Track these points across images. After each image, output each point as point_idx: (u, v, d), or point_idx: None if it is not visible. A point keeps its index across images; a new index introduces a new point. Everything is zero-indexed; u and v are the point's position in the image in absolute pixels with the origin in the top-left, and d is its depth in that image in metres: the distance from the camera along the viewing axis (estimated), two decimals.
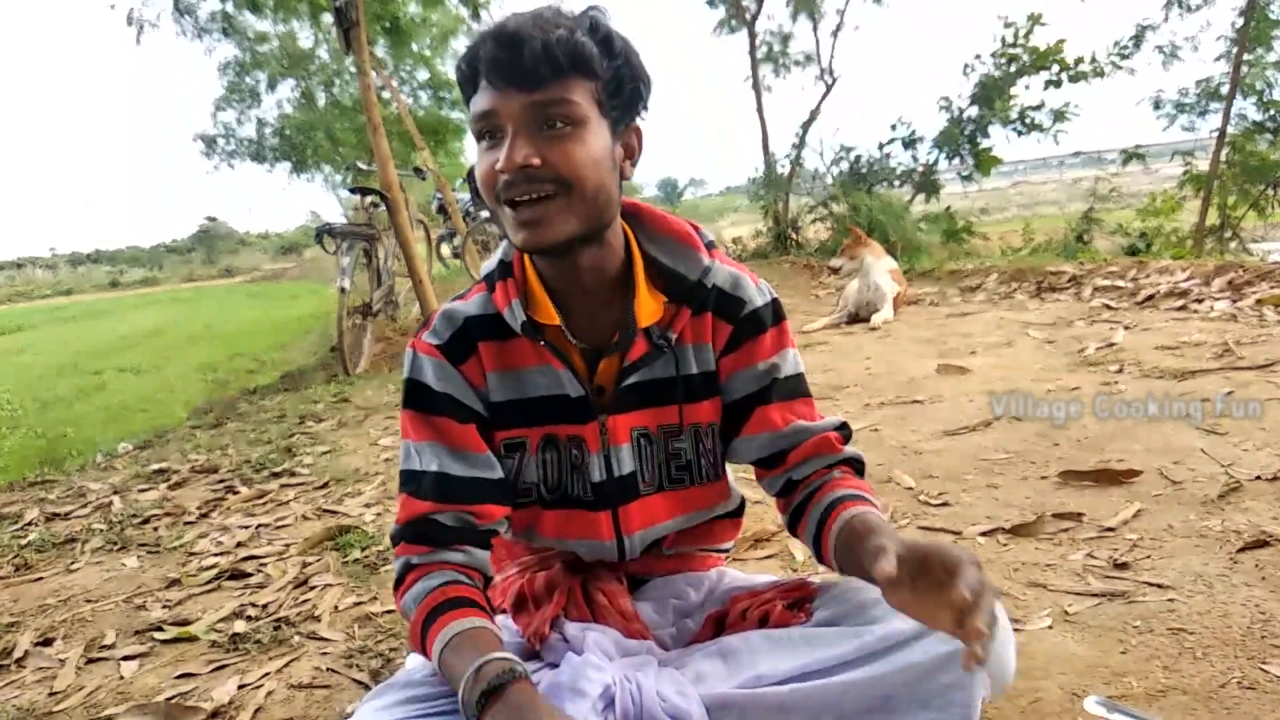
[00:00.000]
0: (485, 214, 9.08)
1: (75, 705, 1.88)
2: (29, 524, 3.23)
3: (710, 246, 1.25)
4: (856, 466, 1.30)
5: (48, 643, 2.19)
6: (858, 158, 12.04)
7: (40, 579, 2.64)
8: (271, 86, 18.63)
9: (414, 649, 1.16)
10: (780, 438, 1.26)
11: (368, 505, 2.96)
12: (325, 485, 3.29)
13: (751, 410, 1.26)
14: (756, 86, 13.37)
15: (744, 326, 1.24)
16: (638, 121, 1.16)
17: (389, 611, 2.15)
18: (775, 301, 1.27)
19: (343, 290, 5.78)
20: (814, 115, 12.68)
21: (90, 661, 2.08)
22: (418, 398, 1.21)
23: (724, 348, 1.25)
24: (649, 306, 1.20)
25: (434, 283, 6.92)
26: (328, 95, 18.62)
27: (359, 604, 2.21)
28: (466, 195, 10.91)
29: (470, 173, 10.70)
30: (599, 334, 1.21)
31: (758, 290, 1.25)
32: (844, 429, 1.30)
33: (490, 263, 1.25)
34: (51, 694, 1.94)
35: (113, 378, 11.17)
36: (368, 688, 1.82)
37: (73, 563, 2.73)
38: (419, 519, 1.18)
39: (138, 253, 43.22)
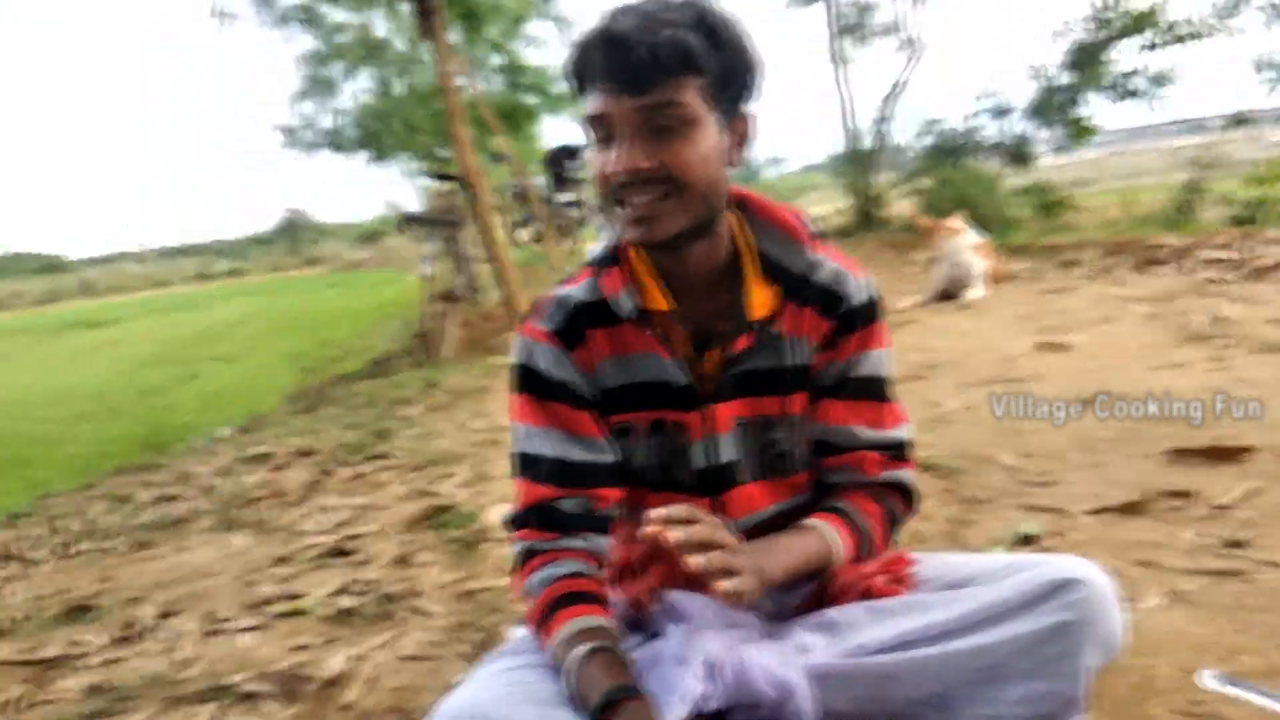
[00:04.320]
0: (562, 198, 9.18)
1: (199, 674, 2.00)
2: (141, 505, 3.42)
3: (815, 237, 1.27)
4: (901, 490, 1.33)
5: (169, 616, 2.34)
6: (944, 130, 11.78)
7: (156, 557, 2.80)
8: (349, 76, 18.99)
9: (531, 632, 1.21)
10: (827, 432, 1.30)
11: (462, 486, 3.06)
12: (419, 467, 3.40)
13: (819, 400, 1.29)
14: (835, 59, 13.16)
15: (841, 323, 1.26)
16: (749, 106, 1.18)
17: (489, 589, 2.23)
18: (874, 302, 1.28)
19: (427, 277, 5.93)
20: (898, 87, 12.44)
21: (209, 634, 2.21)
22: (532, 383, 1.26)
23: (820, 342, 1.27)
24: (760, 298, 1.22)
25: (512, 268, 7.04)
26: (404, 83, 18.93)
27: (459, 580, 2.30)
28: (543, 179, 11.04)
29: (549, 156, 10.81)
30: (705, 322, 1.25)
31: (859, 287, 1.26)
32: (897, 448, 1.32)
33: (596, 248, 1.29)
34: (176, 663, 2.07)
35: (205, 366, 11.64)
36: (473, 660, 1.91)
37: (186, 542, 2.89)
38: (541, 504, 1.24)
39: (224, 245, 44.84)
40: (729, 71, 1.12)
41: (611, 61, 1.07)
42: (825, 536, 1.24)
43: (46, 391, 11.13)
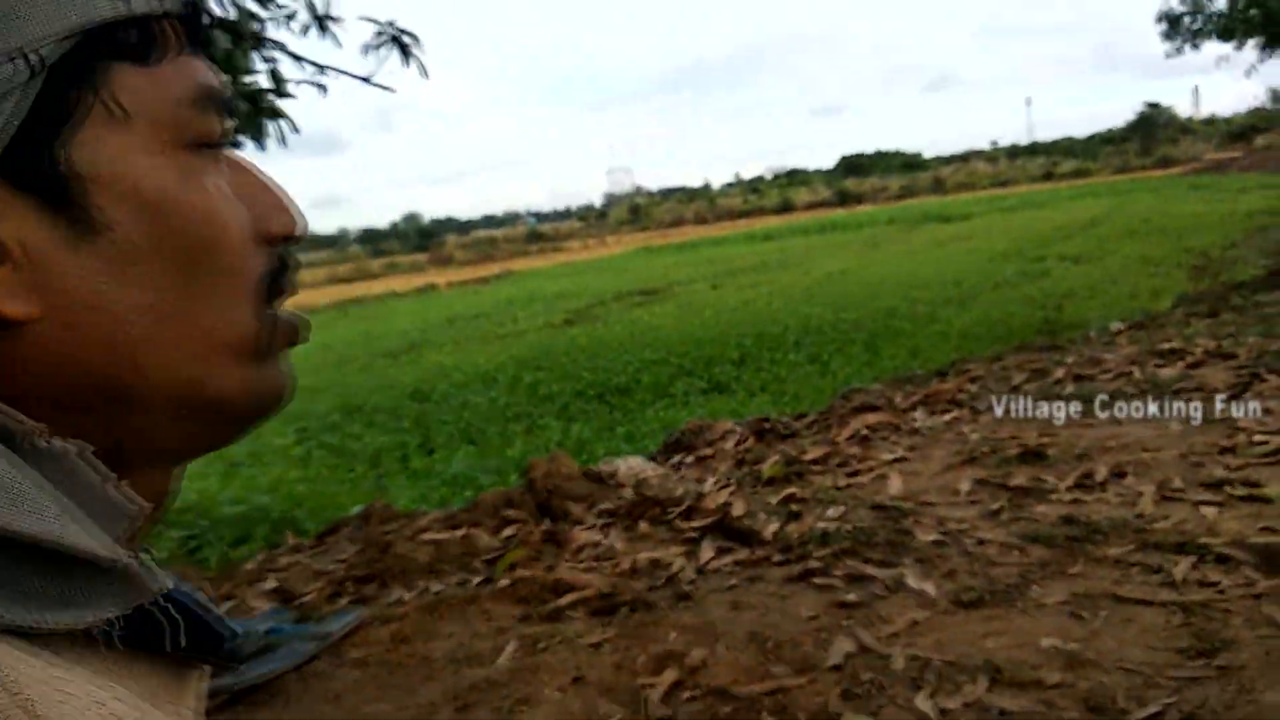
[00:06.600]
0: None
1: (1164, 529, 2.25)
2: (1057, 380, 3.80)
3: None
4: None
5: (1120, 475, 2.62)
6: None
7: (1092, 425, 3.12)
8: None
9: None
10: None
11: None
12: None
13: None
14: None
15: None
16: None
17: None
18: None
19: None
20: None
21: (1164, 499, 2.44)
22: None
23: None
24: None
25: None
26: None
27: None
28: None
29: None
30: None
31: None
32: None
33: None
34: (1137, 515, 2.35)
35: (1054, 265, 12.03)
36: None
37: (1117, 416, 3.15)
38: None
39: (1071, 144, 44.50)
40: None
41: None
42: None
43: (911, 275, 12.77)
